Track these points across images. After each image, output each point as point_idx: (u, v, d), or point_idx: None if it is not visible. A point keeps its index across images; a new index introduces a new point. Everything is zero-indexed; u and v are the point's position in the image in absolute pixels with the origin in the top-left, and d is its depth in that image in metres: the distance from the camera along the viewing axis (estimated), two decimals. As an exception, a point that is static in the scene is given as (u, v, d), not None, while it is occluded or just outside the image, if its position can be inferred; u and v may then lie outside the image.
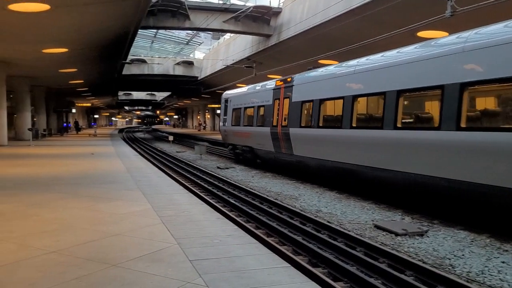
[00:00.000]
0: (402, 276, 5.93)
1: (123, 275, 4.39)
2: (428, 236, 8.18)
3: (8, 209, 7.51)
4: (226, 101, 23.55)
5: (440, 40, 9.52)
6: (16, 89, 31.77)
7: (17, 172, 12.77)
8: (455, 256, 7.09)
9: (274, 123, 16.96)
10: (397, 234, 8.25)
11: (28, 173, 12.64)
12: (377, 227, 8.84)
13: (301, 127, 14.75)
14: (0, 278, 4.29)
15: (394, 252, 6.93)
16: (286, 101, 16.13)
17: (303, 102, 14.77)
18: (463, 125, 8.27)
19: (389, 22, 16.75)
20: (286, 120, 15.91)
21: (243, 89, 22.04)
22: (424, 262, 6.77)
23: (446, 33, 14.65)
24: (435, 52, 9.16)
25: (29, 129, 29.62)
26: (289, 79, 16.17)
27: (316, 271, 6.14)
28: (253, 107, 19.63)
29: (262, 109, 18.42)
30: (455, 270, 6.49)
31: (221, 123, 24.86)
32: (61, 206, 7.78)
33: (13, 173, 12.65)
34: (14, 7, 12.90)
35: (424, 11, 14.52)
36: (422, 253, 7.30)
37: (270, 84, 18.15)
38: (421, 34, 17.07)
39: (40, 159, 17.19)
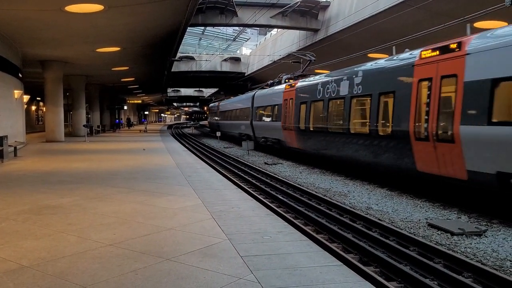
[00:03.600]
0: (460, 277, 5.71)
1: (177, 269, 4.48)
2: (486, 236, 7.83)
3: (67, 203, 7.86)
4: (209, 106, 56.64)
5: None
6: (72, 87, 33.20)
7: (75, 167, 13.34)
8: (516, 257, 6.75)
9: (215, 119, 44.21)
10: (453, 234, 7.95)
11: (85, 168, 13.17)
12: (432, 225, 8.56)
13: (220, 120, 39.87)
14: (61, 269, 4.49)
15: (450, 252, 6.68)
16: (219, 111, 41.34)
17: (222, 111, 39.26)
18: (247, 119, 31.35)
19: (445, 13, 16.15)
20: (217, 117, 41.71)
21: (213, 103, 50.60)
22: (483, 264, 6.49)
23: (505, 23, 13.94)
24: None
25: (84, 126, 30.86)
26: (219, 102, 43.25)
27: (368, 270, 6.02)
28: (210, 111, 52.78)
29: (213, 113, 47.56)
30: (516, 273, 6.18)
31: (209, 119, 59.00)
32: (117, 200, 8.06)
33: (71, 168, 13.23)
34: (70, 8, 13.42)
35: (483, 0, 13.88)
36: (481, 253, 6.99)
37: (215, 102, 49.25)
38: (478, 24, 16.33)
39: (96, 154, 17.88)
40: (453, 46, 9.62)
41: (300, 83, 18.96)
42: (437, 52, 10.13)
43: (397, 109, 11.40)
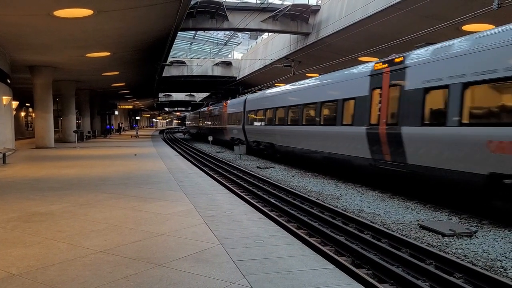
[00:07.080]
0: (451, 278, 5.74)
1: (168, 275, 4.45)
2: (477, 237, 7.88)
3: (57, 209, 7.78)
4: (185, 116, 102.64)
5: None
6: (62, 93, 32.97)
7: (66, 173, 13.24)
8: (507, 258, 6.80)
9: (187, 123, 78.36)
10: (444, 235, 7.99)
11: (76, 174, 13.08)
12: (423, 227, 8.60)
13: (188, 124, 72.65)
14: (51, 277, 4.44)
15: (441, 253, 6.71)
16: (195, 117, 60.41)
17: (189, 119, 70.84)
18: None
19: (433, 16, 16.28)
20: (190, 122, 68.30)
21: (188, 113, 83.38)
22: (474, 264, 6.53)
23: (492, 26, 14.07)
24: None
25: (74, 132, 30.64)
26: (188, 114, 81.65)
27: (361, 272, 6.03)
28: (186, 119, 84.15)
29: (187, 120, 79.44)
30: (507, 273, 6.23)
31: (187, 123, 79.14)
32: (108, 206, 8.00)
33: (62, 174, 13.12)
34: (59, 13, 13.33)
35: (470, 3, 14.00)
36: (471, 254, 7.04)
37: (187, 113, 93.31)
38: (466, 27, 16.49)
39: (87, 160, 17.76)
40: (226, 104, 34.18)
41: (210, 107, 42.25)
42: (225, 104, 34.39)
43: (222, 120, 34.07)
